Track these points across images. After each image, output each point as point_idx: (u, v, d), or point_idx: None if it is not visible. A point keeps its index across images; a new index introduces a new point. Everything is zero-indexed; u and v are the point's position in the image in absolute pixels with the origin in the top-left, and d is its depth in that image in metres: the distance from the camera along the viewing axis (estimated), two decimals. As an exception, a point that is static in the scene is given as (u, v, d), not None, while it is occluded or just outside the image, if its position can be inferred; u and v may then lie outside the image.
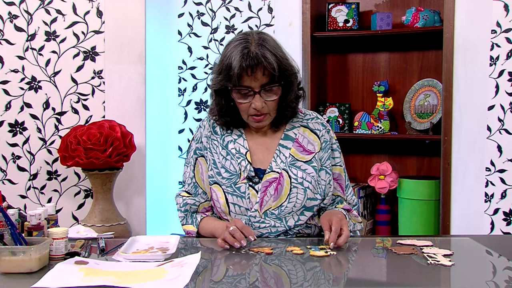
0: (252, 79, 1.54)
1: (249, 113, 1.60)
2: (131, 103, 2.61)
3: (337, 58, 3.15)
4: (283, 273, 1.29)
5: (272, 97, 1.58)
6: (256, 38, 1.56)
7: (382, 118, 2.93)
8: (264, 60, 1.51)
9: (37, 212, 1.40)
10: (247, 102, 1.58)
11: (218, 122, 1.70)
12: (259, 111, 1.58)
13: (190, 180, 1.73)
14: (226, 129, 1.71)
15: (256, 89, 1.55)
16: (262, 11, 2.99)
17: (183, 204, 1.72)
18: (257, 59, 1.51)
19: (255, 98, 1.56)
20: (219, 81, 1.59)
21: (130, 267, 1.29)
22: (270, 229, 1.61)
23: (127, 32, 2.60)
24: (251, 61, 1.51)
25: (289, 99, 1.65)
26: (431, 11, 2.80)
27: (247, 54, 1.51)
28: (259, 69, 1.53)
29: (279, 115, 1.67)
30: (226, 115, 1.67)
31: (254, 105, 1.57)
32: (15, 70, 2.56)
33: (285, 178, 1.62)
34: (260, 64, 1.52)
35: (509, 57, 2.46)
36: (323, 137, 1.70)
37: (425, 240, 1.54)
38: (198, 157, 1.72)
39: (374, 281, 1.28)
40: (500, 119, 2.48)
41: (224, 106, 1.65)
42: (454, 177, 2.57)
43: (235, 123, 1.69)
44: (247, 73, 1.52)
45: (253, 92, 1.56)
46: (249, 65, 1.51)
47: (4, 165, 2.58)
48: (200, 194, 1.71)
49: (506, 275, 1.27)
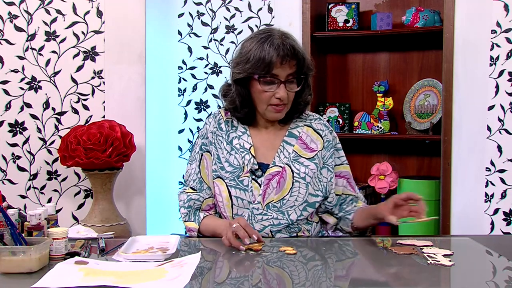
0: (281, 69, 1.61)
1: (270, 102, 1.64)
2: (131, 103, 2.61)
3: (337, 58, 3.15)
4: (284, 274, 1.29)
5: (294, 88, 1.65)
6: (280, 33, 1.64)
7: (382, 118, 2.93)
8: (297, 52, 1.61)
9: (37, 212, 1.40)
10: (270, 91, 1.62)
11: (237, 115, 1.73)
12: (282, 101, 1.62)
13: (195, 176, 1.74)
14: (231, 125, 1.74)
15: (282, 78, 1.61)
16: (262, 11, 2.99)
17: (187, 199, 1.73)
18: (292, 50, 1.60)
19: (280, 87, 1.62)
20: (247, 69, 1.63)
21: (130, 267, 1.29)
22: (272, 221, 1.64)
23: (127, 32, 2.60)
24: (288, 51, 1.59)
25: (304, 95, 1.71)
26: (431, 11, 2.80)
27: (282, 44, 1.59)
28: (290, 60, 1.60)
29: (292, 110, 1.72)
30: (246, 106, 1.70)
31: (279, 95, 1.62)
32: (15, 70, 2.56)
33: (287, 172, 1.66)
34: (293, 55, 1.60)
35: (509, 57, 2.46)
36: (326, 137, 1.74)
37: (425, 240, 1.55)
38: (203, 152, 1.75)
39: (374, 281, 1.28)
40: (500, 119, 2.48)
41: (246, 97, 1.68)
42: (454, 177, 2.57)
43: (250, 116, 1.72)
44: (281, 63, 1.59)
45: (279, 81, 1.62)
46: (286, 54, 1.58)
47: (4, 165, 2.58)
48: (205, 189, 1.73)
49: (506, 275, 1.27)
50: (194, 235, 1.70)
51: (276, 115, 1.67)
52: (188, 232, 1.73)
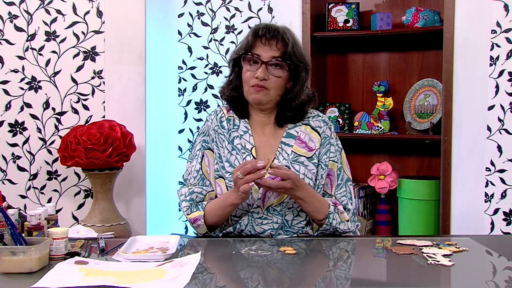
0: (264, 49, 1.63)
1: (250, 83, 1.64)
2: (131, 103, 2.61)
3: (337, 58, 3.15)
4: (284, 274, 1.29)
5: (277, 73, 1.64)
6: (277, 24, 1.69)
7: (382, 118, 2.93)
8: (282, 34, 1.63)
9: (37, 212, 1.40)
10: (252, 72, 1.64)
11: (224, 97, 1.75)
12: (260, 81, 1.62)
13: (196, 173, 1.72)
14: (232, 124, 1.73)
15: (264, 59, 1.63)
16: (262, 11, 2.98)
17: (189, 192, 1.68)
18: (275, 31, 1.63)
19: (260, 67, 1.63)
20: (236, 50, 1.69)
21: (130, 267, 1.29)
22: (272, 225, 1.63)
23: (127, 32, 2.60)
24: (268, 32, 1.63)
25: (295, 91, 1.69)
26: (431, 11, 2.80)
27: (266, 26, 1.64)
28: (273, 40, 1.62)
29: (284, 107, 1.70)
30: (234, 90, 1.72)
31: (257, 74, 1.62)
32: (15, 70, 2.56)
33: None
34: (276, 36, 1.63)
35: (509, 57, 2.46)
36: (324, 133, 1.73)
37: (425, 240, 1.55)
38: (205, 149, 1.73)
39: (374, 281, 1.28)
40: (500, 119, 2.48)
41: (234, 80, 1.71)
42: (454, 177, 2.57)
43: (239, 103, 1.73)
44: (261, 41, 1.63)
45: (261, 61, 1.63)
46: (265, 34, 1.62)
47: (4, 165, 2.58)
48: (207, 185, 1.71)
49: (506, 275, 1.27)
50: (201, 224, 1.63)
51: (255, 96, 1.65)
52: (193, 223, 1.64)
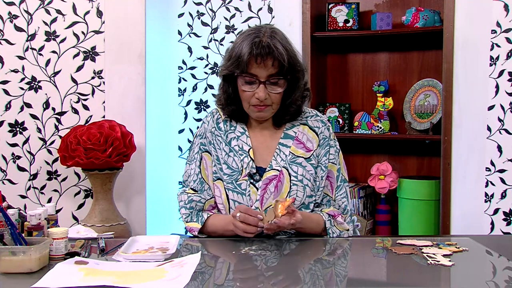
0: (260, 68, 1.56)
1: (251, 102, 1.61)
2: (131, 103, 2.61)
3: (337, 58, 3.15)
4: (284, 274, 1.29)
5: (276, 89, 1.60)
6: (268, 30, 1.59)
7: (382, 118, 2.93)
8: (275, 50, 1.54)
9: (37, 212, 1.40)
10: (251, 91, 1.59)
11: (224, 112, 1.71)
12: (261, 101, 1.59)
13: (195, 177, 1.71)
14: (229, 125, 1.71)
15: (261, 78, 1.57)
16: (262, 11, 2.99)
17: (189, 201, 1.69)
18: (268, 48, 1.54)
19: (259, 88, 1.58)
20: (228, 67, 1.61)
21: (130, 267, 1.29)
22: None
23: (127, 32, 2.60)
24: (262, 50, 1.54)
25: (294, 97, 1.66)
26: (431, 11, 2.80)
27: (259, 43, 1.55)
28: (268, 59, 1.55)
29: (282, 112, 1.68)
30: (233, 104, 1.68)
31: (257, 95, 1.58)
32: (15, 70, 2.56)
33: (285, 175, 1.63)
34: (270, 54, 1.54)
35: (509, 57, 2.46)
36: (322, 134, 1.71)
37: (425, 240, 1.54)
38: (203, 152, 1.72)
39: (374, 281, 1.28)
40: (500, 119, 2.48)
41: (231, 94, 1.66)
42: (454, 177, 2.57)
43: (240, 114, 1.70)
44: (256, 61, 1.55)
45: (258, 82, 1.58)
46: (259, 53, 1.54)
47: (4, 165, 2.58)
48: (206, 190, 1.70)
49: (506, 275, 1.27)
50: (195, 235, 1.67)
51: (258, 115, 1.64)
52: (188, 232, 1.70)
